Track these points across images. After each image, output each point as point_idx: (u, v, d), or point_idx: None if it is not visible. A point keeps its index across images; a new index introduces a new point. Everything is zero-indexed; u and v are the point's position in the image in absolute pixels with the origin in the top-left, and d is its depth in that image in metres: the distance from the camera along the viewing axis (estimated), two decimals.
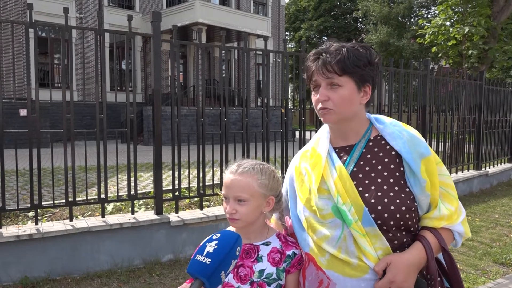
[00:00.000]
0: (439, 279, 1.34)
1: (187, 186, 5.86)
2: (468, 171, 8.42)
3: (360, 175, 1.36)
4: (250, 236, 1.46)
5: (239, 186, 1.41)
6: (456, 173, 8.00)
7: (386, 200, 1.29)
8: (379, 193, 1.31)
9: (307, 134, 5.45)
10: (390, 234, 1.30)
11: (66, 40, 3.97)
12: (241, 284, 1.40)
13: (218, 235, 1.18)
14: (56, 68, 18.89)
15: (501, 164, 9.79)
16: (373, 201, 1.30)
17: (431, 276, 1.30)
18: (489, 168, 9.06)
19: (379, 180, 1.33)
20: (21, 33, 16.56)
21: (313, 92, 1.40)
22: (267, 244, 1.45)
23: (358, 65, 1.32)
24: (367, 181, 1.34)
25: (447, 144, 7.70)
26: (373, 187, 1.32)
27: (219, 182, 5.49)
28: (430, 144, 7.21)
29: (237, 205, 1.40)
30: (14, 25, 3.81)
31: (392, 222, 1.29)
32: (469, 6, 11.92)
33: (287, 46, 5.15)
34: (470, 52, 11.99)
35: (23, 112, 11.94)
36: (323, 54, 1.36)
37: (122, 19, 17.05)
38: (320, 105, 1.36)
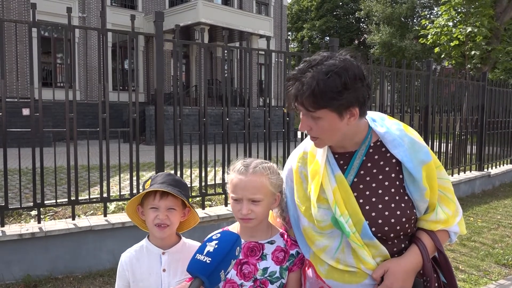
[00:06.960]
0: (435, 275, 1.35)
1: (189, 185, 5.86)
2: (471, 172, 8.39)
3: (361, 186, 1.34)
4: (256, 234, 1.47)
5: (254, 187, 1.40)
6: (459, 174, 7.98)
7: (387, 213, 1.29)
8: (379, 206, 1.30)
9: None
10: (389, 243, 1.31)
11: (69, 39, 3.99)
12: (244, 281, 1.41)
13: (218, 235, 1.20)
14: (59, 68, 18.96)
15: (503, 165, 9.76)
16: (373, 214, 1.29)
17: (426, 278, 1.32)
18: (492, 169, 9.03)
19: (380, 191, 1.32)
20: (24, 33, 16.56)
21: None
22: (271, 242, 1.47)
23: (332, 97, 1.21)
24: (367, 192, 1.32)
25: (449, 145, 7.69)
26: (373, 199, 1.31)
27: (221, 181, 5.49)
28: (432, 145, 7.19)
29: (251, 205, 1.40)
30: (17, 24, 3.83)
31: (392, 234, 1.30)
32: (472, 6, 11.89)
33: (289, 46, 5.14)
34: (473, 52, 11.97)
35: (26, 111, 11.95)
36: (297, 82, 1.25)
37: (124, 19, 17.08)
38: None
